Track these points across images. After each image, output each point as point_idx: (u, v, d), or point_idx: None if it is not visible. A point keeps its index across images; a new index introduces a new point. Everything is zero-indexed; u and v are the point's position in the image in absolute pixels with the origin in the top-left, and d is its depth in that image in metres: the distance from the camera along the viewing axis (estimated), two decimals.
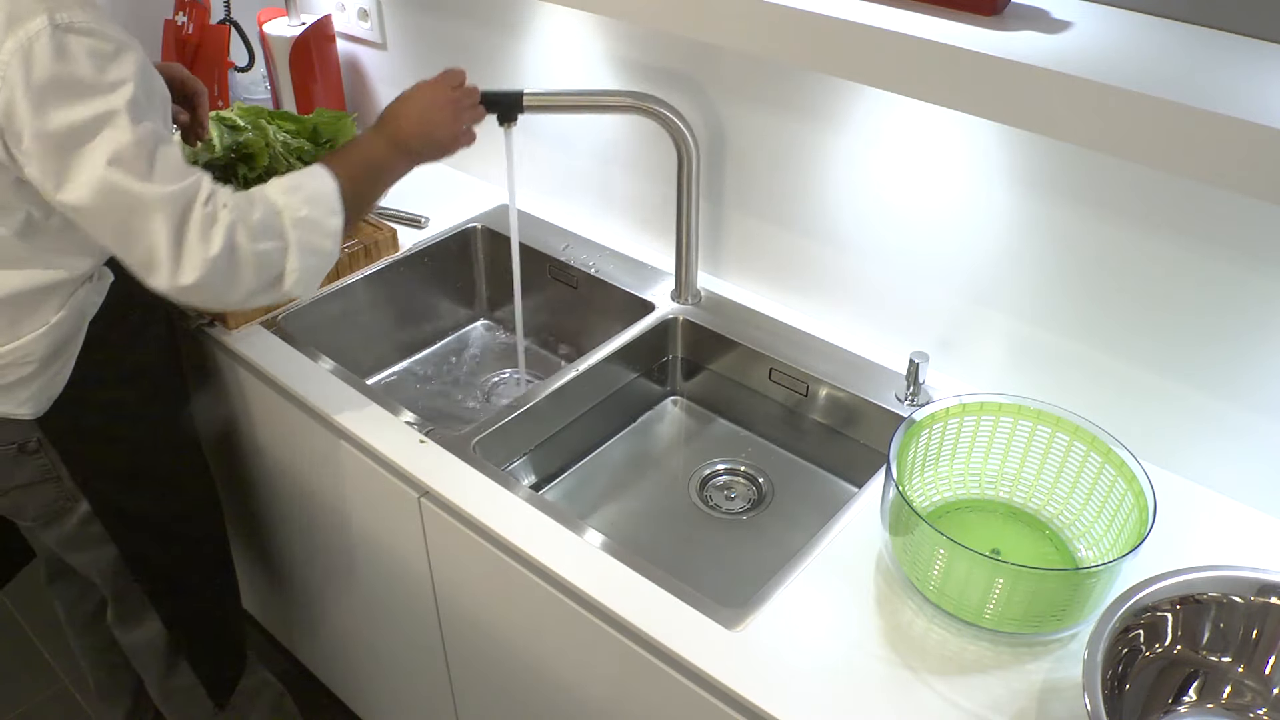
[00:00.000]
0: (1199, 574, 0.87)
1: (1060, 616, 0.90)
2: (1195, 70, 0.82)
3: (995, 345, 1.17)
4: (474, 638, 1.22)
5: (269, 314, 1.36)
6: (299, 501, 1.42)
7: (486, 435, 1.17)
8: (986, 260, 1.13)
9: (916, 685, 0.89)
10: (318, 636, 1.69)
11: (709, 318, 1.35)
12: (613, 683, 1.04)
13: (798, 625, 0.94)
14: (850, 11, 0.92)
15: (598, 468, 1.34)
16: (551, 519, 1.05)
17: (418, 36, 1.65)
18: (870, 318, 1.28)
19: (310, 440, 1.27)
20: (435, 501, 1.12)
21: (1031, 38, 0.87)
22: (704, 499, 1.30)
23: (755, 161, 1.29)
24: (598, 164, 1.49)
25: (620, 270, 1.45)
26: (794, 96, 1.21)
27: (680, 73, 1.31)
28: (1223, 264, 0.97)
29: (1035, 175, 1.05)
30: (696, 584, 0.97)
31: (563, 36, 1.43)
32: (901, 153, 1.14)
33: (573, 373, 1.27)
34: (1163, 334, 1.03)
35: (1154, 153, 0.79)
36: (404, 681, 1.48)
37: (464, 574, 1.16)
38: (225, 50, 1.67)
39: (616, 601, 0.96)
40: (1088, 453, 0.99)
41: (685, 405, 1.43)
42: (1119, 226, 1.02)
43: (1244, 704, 0.87)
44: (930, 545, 0.92)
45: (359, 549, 1.35)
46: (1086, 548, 1.00)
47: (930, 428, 1.03)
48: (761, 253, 1.35)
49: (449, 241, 1.55)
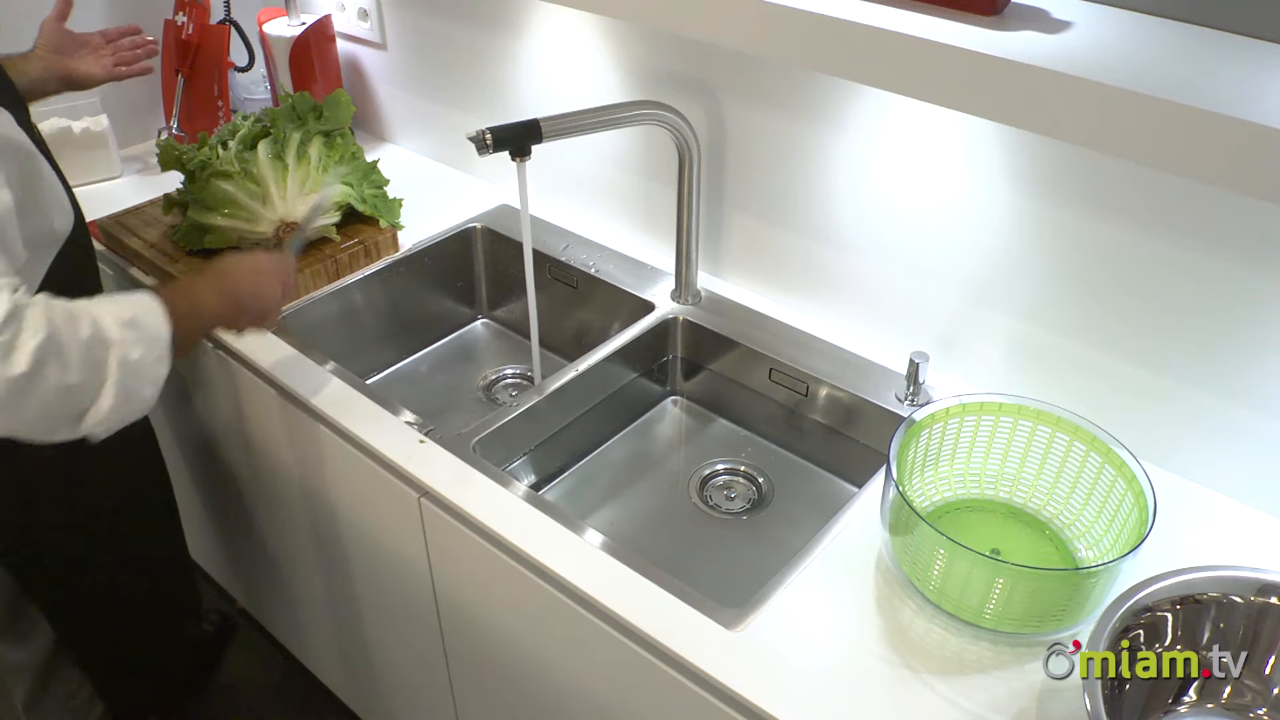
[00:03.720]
0: (1199, 574, 0.87)
1: (1060, 616, 0.90)
2: (1195, 70, 0.82)
3: (995, 345, 1.17)
4: (474, 638, 1.22)
5: None
6: (298, 502, 1.42)
7: (486, 435, 1.17)
8: (986, 260, 1.13)
9: (916, 685, 0.89)
10: (317, 636, 1.69)
11: (709, 318, 1.35)
12: (613, 682, 1.04)
13: (797, 625, 0.94)
14: (850, 11, 0.92)
15: (598, 468, 1.34)
16: (551, 519, 1.05)
17: (418, 36, 1.65)
18: (870, 318, 1.28)
19: (310, 440, 1.27)
20: (435, 501, 1.12)
21: (1031, 38, 0.87)
22: (704, 499, 1.30)
23: (756, 161, 1.29)
24: (598, 164, 1.49)
25: (620, 270, 1.45)
26: (794, 96, 1.21)
27: (681, 73, 1.31)
28: (1223, 263, 0.97)
29: (1035, 175, 1.05)
30: (696, 584, 0.97)
31: (563, 37, 1.43)
32: (901, 153, 1.14)
33: (573, 373, 1.27)
34: (1163, 334, 1.03)
35: (1154, 153, 0.79)
36: (404, 681, 1.48)
37: (464, 574, 1.16)
38: (225, 50, 1.67)
39: (616, 601, 0.96)
40: (1088, 453, 0.99)
41: (685, 405, 1.43)
42: (1119, 226, 1.02)
43: (1244, 704, 0.87)
44: (930, 545, 0.92)
45: (359, 549, 1.35)
46: (1086, 548, 1.00)
47: (930, 428, 1.03)
48: (762, 253, 1.35)
49: (449, 241, 1.55)
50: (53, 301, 0.89)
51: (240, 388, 1.37)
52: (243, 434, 1.45)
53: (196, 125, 1.70)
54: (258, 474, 1.49)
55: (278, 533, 1.56)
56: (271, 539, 1.60)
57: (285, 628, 1.82)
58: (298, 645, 1.81)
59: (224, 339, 1.32)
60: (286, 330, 1.34)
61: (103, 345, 0.91)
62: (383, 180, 1.51)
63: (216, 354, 1.36)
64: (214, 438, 1.55)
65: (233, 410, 1.43)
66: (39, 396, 0.87)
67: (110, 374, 0.91)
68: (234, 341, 1.31)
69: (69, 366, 0.88)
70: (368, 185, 1.49)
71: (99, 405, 0.92)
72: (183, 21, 1.65)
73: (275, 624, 1.85)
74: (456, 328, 1.63)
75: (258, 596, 1.85)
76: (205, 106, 1.70)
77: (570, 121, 1.18)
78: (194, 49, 1.66)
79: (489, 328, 1.64)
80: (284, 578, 1.65)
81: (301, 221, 1.38)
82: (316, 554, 1.47)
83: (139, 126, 1.75)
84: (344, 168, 1.46)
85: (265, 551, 1.65)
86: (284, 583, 1.67)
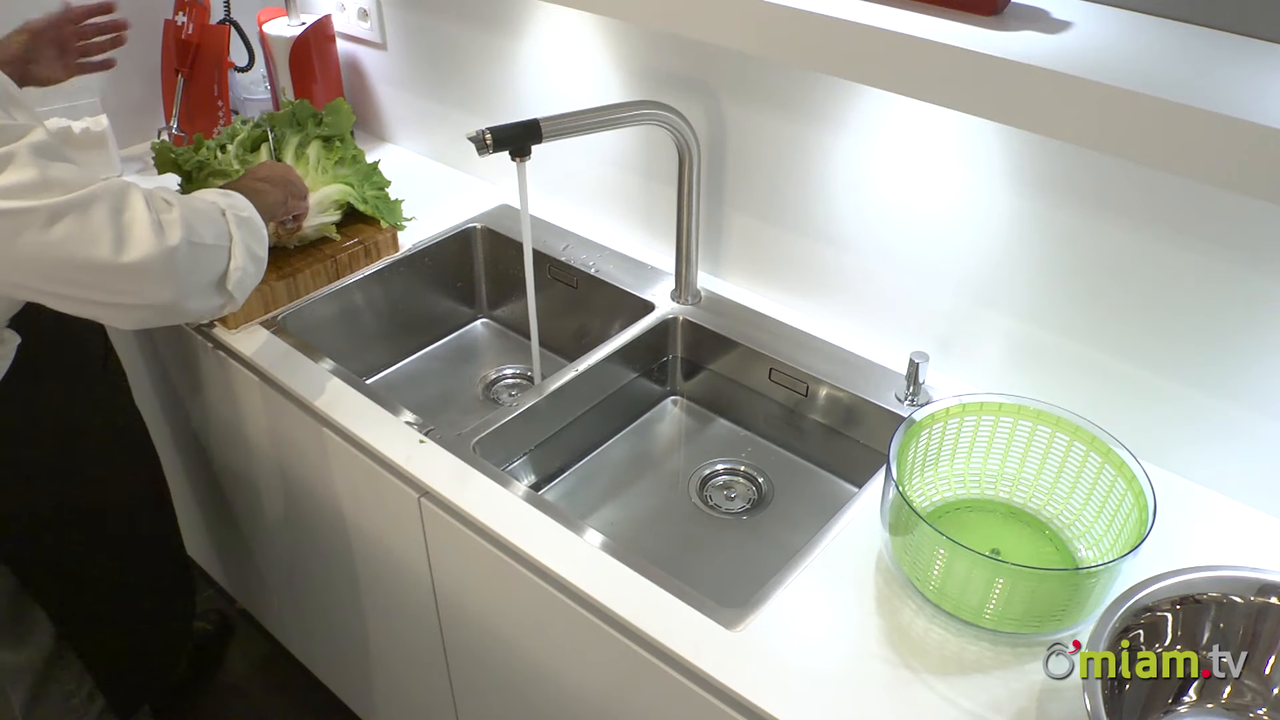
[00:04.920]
0: (1199, 574, 0.87)
1: (1060, 616, 0.90)
2: (1195, 70, 0.82)
3: (995, 345, 1.17)
4: (474, 638, 1.22)
5: (269, 314, 1.36)
6: (298, 501, 1.42)
7: (486, 435, 1.17)
8: (986, 260, 1.13)
9: (916, 685, 0.89)
10: (317, 636, 1.69)
11: (709, 318, 1.35)
12: (612, 683, 1.04)
13: (798, 625, 0.94)
14: (850, 11, 0.92)
15: (598, 468, 1.34)
16: (551, 519, 1.05)
17: (418, 36, 1.65)
18: (870, 318, 1.28)
19: (310, 440, 1.27)
20: (435, 502, 1.12)
21: (1031, 38, 0.87)
22: (704, 499, 1.30)
23: (756, 161, 1.29)
24: (598, 164, 1.49)
25: (620, 270, 1.45)
26: (794, 96, 1.21)
27: (680, 72, 1.31)
28: (1223, 263, 0.97)
29: (1035, 175, 1.05)
30: (696, 584, 0.97)
31: (563, 37, 1.43)
32: (901, 153, 1.14)
33: (573, 373, 1.27)
34: (1163, 333, 1.03)
35: (1154, 153, 0.79)
36: (404, 681, 1.48)
37: (464, 574, 1.16)
38: (225, 50, 1.67)
39: (616, 601, 0.96)
40: (1088, 453, 0.99)
41: (685, 405, 1.43)
42: (1119, 226, 1.02)
43: (1244, 704, 0.87)
44: (930, 545, 0.92)
45: (359, 549, 1.35)
46: (1086, 548, 1.00)
47: (930, 428, 1.03)
48: (762, 253, 1.35)
49: (449, 241, 1.55)
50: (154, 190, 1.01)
51: (240, 387, 1.37)
52: (242, 433, 1.45)
53: (196, 125, 1.69)
54: (257, 474, 1.49)
55: (277, 532, 1.56)
56: (271, 538, 1.60)
57: (284, 627, 1.82)
58: (297, 645, 1.81)
59: (223, 339, 1.32)
60: (286, 330, 1.34)
61: (217, 211, 1.05)
62: (384, 182, 1.51)
63: (216, 354, 1.36)
64: (214, 437, 1.56)
65: (232, 410, 1.43)
66: (190, 260, 1.00)
67: (234, 233, 1.06)
68: (234, 342, 1.31)
69: (202, 232, 1.01)
70: (369, 187, 1.49)
71: (234, 263, 1.05)
72: (183, 21, 1.65)
73: (275, 623, 1.85)
74: (456, 328, 1.63)
75: (257, 596, 1.85)
76: (205, 106, 1.70)
77: (570, 121, 1.18)
78: (194, 49, 1.66)
79: (489, 328, 1.64)
80: (283, 577, 1.65)
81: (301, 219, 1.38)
82: (316, 553, 1.47)
83: (139, 126, 1.75)
84: (345, 170, 1.46)
85: (265, 551, 1.65)
86: (283, 582, 1.67)
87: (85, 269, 0.93)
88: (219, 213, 1.06)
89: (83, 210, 0.92)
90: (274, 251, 1.42)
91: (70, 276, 0.94)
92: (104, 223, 0.93)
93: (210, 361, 1.39)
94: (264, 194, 1.21)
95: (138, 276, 0.96)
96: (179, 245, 0.98)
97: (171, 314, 1.03)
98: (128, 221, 0.95)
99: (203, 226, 1.02)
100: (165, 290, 0.99)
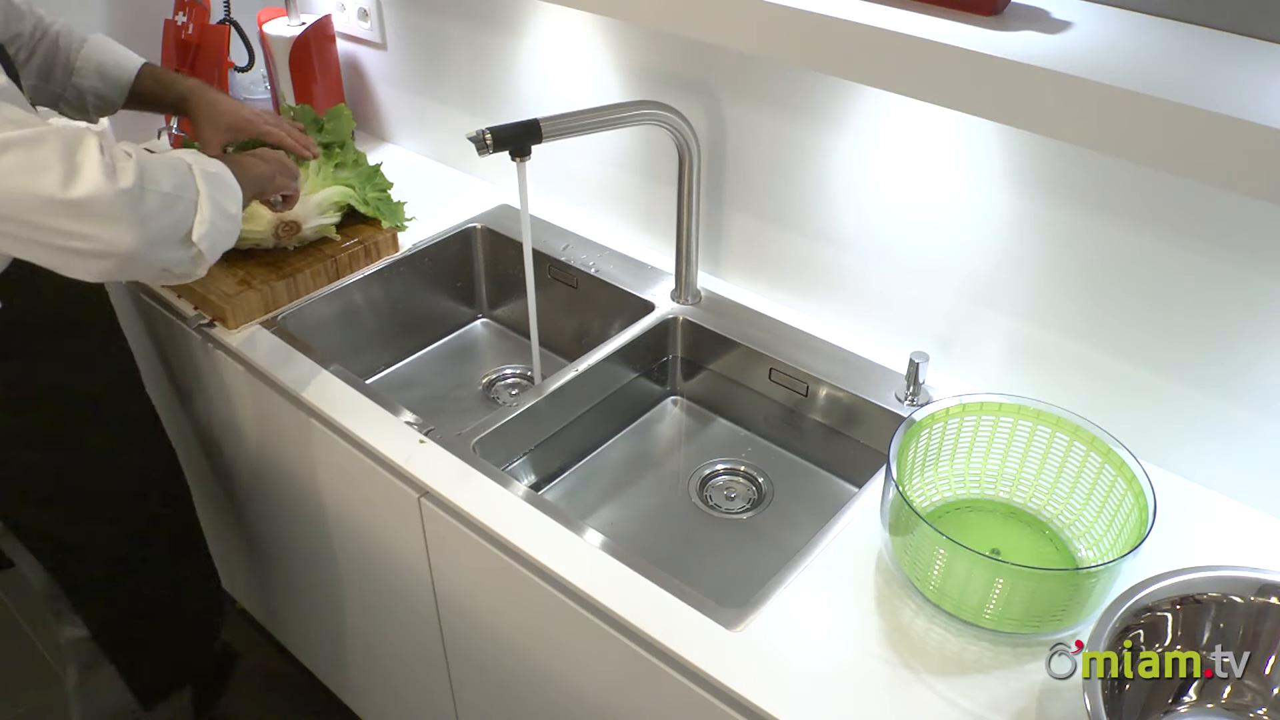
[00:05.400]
0: (1199, 574, 0.87)
1: (1060, 616, 0.90)
2: (1195, 70, 0.82)
3: (995, 345, 1.17)
4: (474, 638, 1.22)
5: (269, 314, 1.36)
6: (298, 501, 1.42)
7: (486, 435, 1.17)
8: (986, 260, 1.13)
9: (916, 685, 0.89)
10: (317, 636, 1.69)
11: (709, 318, 1.35)
12: (612, 683, 1.04)
13: (798, 625, 0.94)
14: (850, 11, 0.92)
15: (598, 468, 1.34)
16: (551, 519, 1.05)
17: (418, 36, 1.65)
18: (870, 318, 1.28)
19: (310, 440, 1.27)
20: (435, 502, 1.12)
21: (1031, 38, 0.87)
22: (704, 499, 1.30)
23: (756, 161, 1.29)
24: (598, 164, 1.49)
25: (620, 270, 1.45)
26: (794, 96, 1.21)
27: (681, 73, 1.31)
28: (1223, 263, 0.97)
29: (1035, 175, 1.05)
30: (696, 584, 0.97)
31: (563, 37, 1.43)
32: (901, 153, 1.14)
33: (573, 373, 1.27)
34: (1163, 333, 1.03)
35: (1154, 153, 0.79)
36: (404, 681, 1.48)
37: (464, 574, 1.16)
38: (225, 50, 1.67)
39: (616, 601, 0.96)
40: (1088, 453, 0.99)
41: (685, 405, 1.43)
42: (1119, 226, 1.02)
43: (1244, 704, 0.87)
44: (930, 545, 0.92)
45: (359, 549, 1.35)
46: (1086, 548, 1.00)
47: (930, 428, 1.03)
48: (761, 253, 1.35)
49: (449, 241, 1.55)
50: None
51: (240, 388, 1.37)
52: (242, 434, 1.45)
53: None
54: (257, 474, 1.49)
55: (277, 532, 1.56)
56: (271, 538, 1.60)
57: (285, 627, 1.82)
58: (297, 645, 1.81)
59: (223, 339, 1.32)
60: (286, 330, 1.34)
61: (182, 164, 1.03)
62: (387, 184, 1.51)
63: (215, 353, 1.36)
64: (213, 437, 1.56)
65: (232, 410, 1.43)
66: (149, 206, 0.96)
67: (200, 186, 1.03)
68: (234, 342, 1.31)
69: (159, 179, 0.98)
70: (371, 189, 1.49)
71: (200, 215, 1.02)
72: (183, 21, 1.65)
73: (275, 623, 1.85)
74: (456, 328, 1.63)
75: (257, 595, 1.85)
76: None
77: (570, 121, 1.18)
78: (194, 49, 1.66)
79: (489, 328, 1.64)
80: (284, 577, 1.65)
81: (301, 221, 1.38)
82: (316, 554, 1.47)
83: (139, 126, 1.75)
84: (346, 173, 1.46)
85: (265, 551, 1.65)
86: (284, 582, 1.67)
87: (32, 204, 0.91)
88: (185, 166, 1.03)
89: (32, 144, 0.90)
90: (274, 252, 1.42)
91: (14, 214, 0.91)
92: (53, 158, 0.90)
93: (209, 361, 1.39)
94: (250, 165, 1.18)
95: (88, 216, 0.93)
96: (131, 188, 0.94)
97: (136, 264, 0.98)
98: (80, 161, 0.92)
99: (161, 175, 0.99)
100: (123, 235, 0.95)
